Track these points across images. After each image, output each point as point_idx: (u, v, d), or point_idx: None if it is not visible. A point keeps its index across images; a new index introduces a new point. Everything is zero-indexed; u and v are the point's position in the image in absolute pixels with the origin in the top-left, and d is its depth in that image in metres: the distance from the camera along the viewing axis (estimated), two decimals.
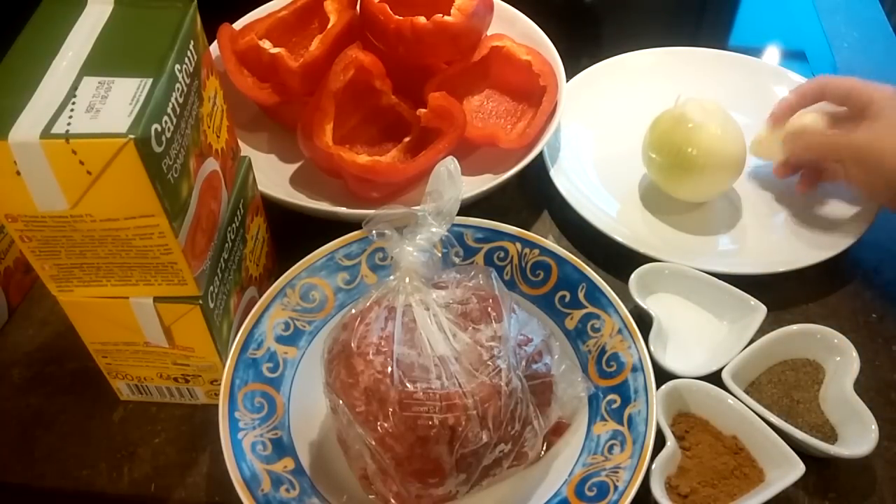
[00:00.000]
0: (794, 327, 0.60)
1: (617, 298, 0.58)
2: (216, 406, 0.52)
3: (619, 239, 0.66)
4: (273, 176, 0.72)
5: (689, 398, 0.56)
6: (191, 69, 0.47)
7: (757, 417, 0.54)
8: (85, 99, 0.42)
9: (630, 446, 0.51)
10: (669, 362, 0.58)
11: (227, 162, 0.55)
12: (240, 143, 0.60)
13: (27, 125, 0.41)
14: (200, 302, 0.50)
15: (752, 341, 0.59)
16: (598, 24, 0.95)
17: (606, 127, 0.79)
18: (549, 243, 0.61)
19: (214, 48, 0.73)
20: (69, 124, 0.41)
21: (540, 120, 0.71)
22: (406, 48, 0.69)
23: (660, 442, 0.52)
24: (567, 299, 0.60)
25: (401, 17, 0.68)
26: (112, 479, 0.56)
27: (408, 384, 0.47)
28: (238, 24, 0.77)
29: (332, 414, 0.51)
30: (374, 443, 0.47)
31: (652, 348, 0.58)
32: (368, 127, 0.72)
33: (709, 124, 0.67)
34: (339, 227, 0.63)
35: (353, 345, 0.49)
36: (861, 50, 0.92)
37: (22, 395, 0.61)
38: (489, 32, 0.76)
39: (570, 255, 0.60)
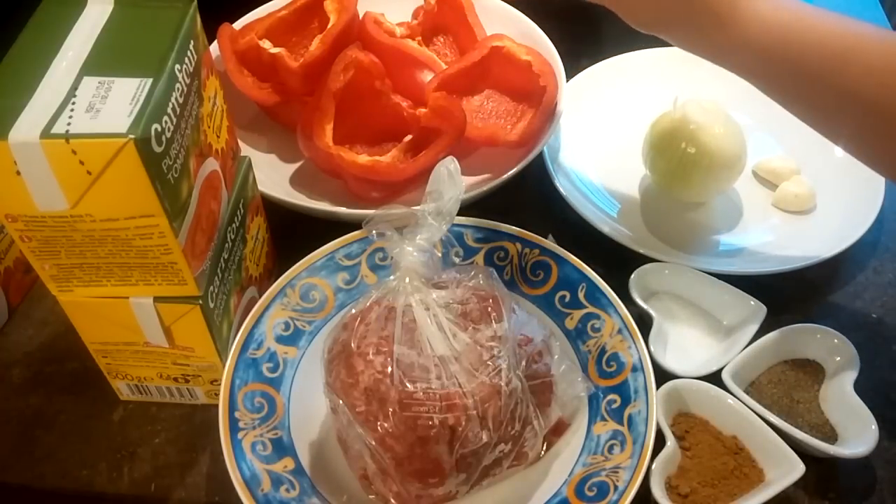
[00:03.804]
0: (794, 327, 0.59)
1: (617, 298, 0.58)
2: (216, 406, 0.52)
3: (619, 239, 0.66)
4: (273, 176, 0.72)
5: (689, 398, 0.56)
6: (191, 69, 0.47)
7: (757, 417, 0.54)
8: (85, 99, 0.42)
9: (630, 446, 0.51)
10: (669, 362, 0.58)
11: (227, 162, 0.55)
12: (240, 143, 0.60)
13: (27, 125, 0.41)
14: (200, 302, 0.50)
15: (752, 341, 0.59)
16: (598, 24, 0.95)
17: (606, 127, 0.79)
18: (549, 243, 0.61)
19: (214, 48, 0.73)
20: (69, 124, 0.41)
21: (540, 120, 0.71)
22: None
23: (660, 442, 0.52)
24: (567, 299, 0.60)
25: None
26: (112, 479, 0.56)
27: (408, 384, 0.47)
28: (238, 24, 0.77)
29: (332, 414, 0.51)
30: (374, 443, 0.47)
31: (652, 348, 0.58)
32: (368, 127, 0.72)
33: (711, 125, 0.67)
34: (339, 227, 0.63)
35: (353, 345, 0.49)
36: None
37: (22, 395, 0.61)
38: (489, 32, 0.76)
39: (570, 255, 0.60)
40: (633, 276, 0.63)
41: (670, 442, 0.53)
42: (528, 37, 0.78)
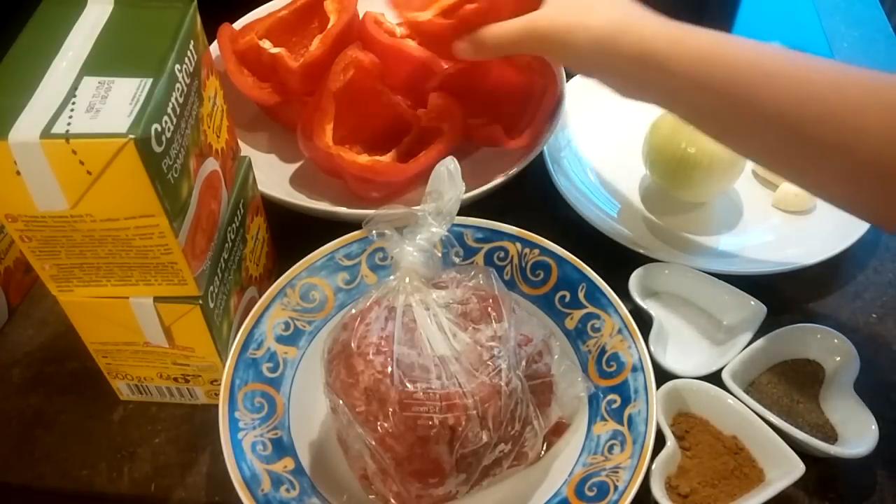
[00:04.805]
0: (794, 327, 0.60)
1: (617, 298, 0.58)
2: (216, 406, 0.52)
3: (619, 239, 0.66)
4: (273, 176, 0.72)
5: (689, 398, 0.56)
6: (191, 69, 0.47)
7: (757, 417, 0.54)
8: (85, 99, 0.42)
9: (630, 446, 0.51)
10: (669, 362, 0.58)
11: (227, 162, 0.55)
12: (240, 143, 0.60)
13: (27, 125, 0.41)
14: (200, 302, 0.50)
15: (752, 341, 0.59)
16: None
17: (607, 127, 0.79)
18: (549, 243, 0.61)
19: (214, 48, 0.73)
20: (69, 124, 0.41)
21: (540, 120, 0.71)
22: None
23: (660, 442, 0.52)
24: (567, 299, 0.60)
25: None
26: (112, 479, 0.56)
27: (408, 384, 0.47)
28: (238, 24, 0.77)
29: (332, 414, 0.51)
30: (374, 443, 0.47)
31: (652, 348, 0.58)
32: (368, 127, 0.72)
33: None
34: (339, 227, 0.63)
35: (353, 345, 0.49)
36: (861, 50, 0.92)
37: (22, 395, 0.61)
38: None
39: (570, 255, 0.60)
40: (633, 276, 0.63)
41: (670, 442, 0.53)
42: None
